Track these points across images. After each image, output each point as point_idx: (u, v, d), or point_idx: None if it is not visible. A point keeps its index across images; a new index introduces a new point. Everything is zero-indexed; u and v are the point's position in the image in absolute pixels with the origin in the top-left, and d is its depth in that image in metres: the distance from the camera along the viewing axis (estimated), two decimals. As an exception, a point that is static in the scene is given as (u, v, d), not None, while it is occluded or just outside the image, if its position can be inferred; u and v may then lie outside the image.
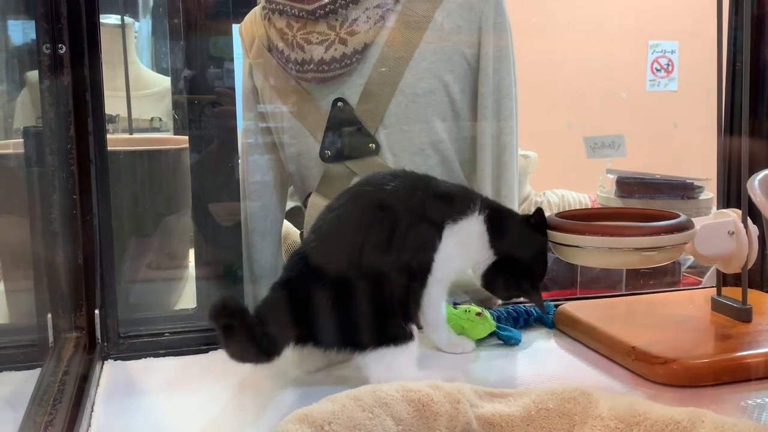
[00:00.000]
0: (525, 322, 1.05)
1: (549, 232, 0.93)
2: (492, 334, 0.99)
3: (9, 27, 1.26)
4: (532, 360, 0.96)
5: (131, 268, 1.12)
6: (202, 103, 1.12)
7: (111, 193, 0.92)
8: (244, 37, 1.24)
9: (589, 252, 0.90)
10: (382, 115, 1.14)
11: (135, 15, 2.04)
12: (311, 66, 1.13)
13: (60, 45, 0.84)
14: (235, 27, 1.24)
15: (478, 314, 0.98)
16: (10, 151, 1.06)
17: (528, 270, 0.92)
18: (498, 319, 1.02)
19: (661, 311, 1.08)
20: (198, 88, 1.13)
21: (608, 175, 1.83)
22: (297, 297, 0.81)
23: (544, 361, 0.95)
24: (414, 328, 0.84)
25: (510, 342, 0.99)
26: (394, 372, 0.79)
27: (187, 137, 1.11)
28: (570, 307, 1.05)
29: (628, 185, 1.77)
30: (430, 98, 1.14)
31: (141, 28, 2.12)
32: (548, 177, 2.38)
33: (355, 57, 1.12)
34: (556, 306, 1.06)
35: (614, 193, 1.83)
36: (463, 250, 0.90)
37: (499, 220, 0.91)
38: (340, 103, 1.15)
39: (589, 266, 1.55)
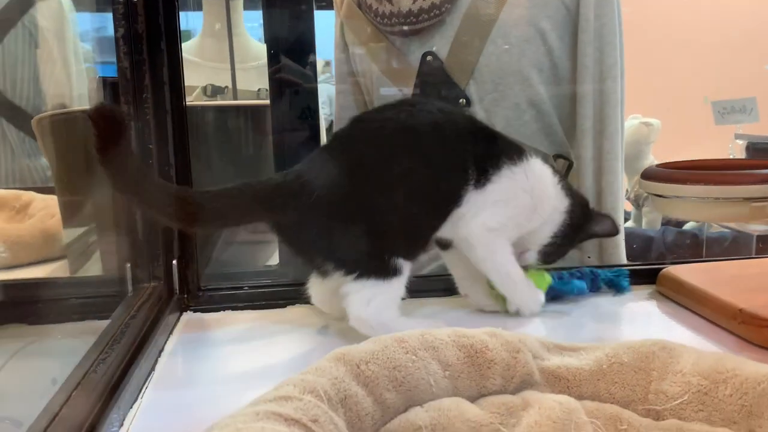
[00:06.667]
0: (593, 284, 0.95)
1: (648, 182, 0.85)
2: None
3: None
4: (629, 324, 0.89)
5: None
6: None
7: (190, 146, 0.92)
8: (334, -6, 1.22)
9: (693, 203, 0.81)
10: (473, 67, 1.08)
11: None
12: (400, 18, 1.09)
13: (133, -9, 0.84)
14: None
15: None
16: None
17: None
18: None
19: (777, 275, 0.97)
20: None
21: (737, 141, 1.68)
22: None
23: (642, 325, 0.87)
24: (401, 264, 0.74)
25: (573, 292, 0.92)
26: (373, 309, 0.73)
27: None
28: (674, 270, 0.95)
29: (759, 151, 1.61)
30: (524, 47, 1.07)
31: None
32: (673, 145, 2.22)
33: (445, 6, 1.07)
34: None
35: (745, 160, 1.67)
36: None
37: None
38: (429, 57, 1.10)
39: (692, 220, 1.43)
